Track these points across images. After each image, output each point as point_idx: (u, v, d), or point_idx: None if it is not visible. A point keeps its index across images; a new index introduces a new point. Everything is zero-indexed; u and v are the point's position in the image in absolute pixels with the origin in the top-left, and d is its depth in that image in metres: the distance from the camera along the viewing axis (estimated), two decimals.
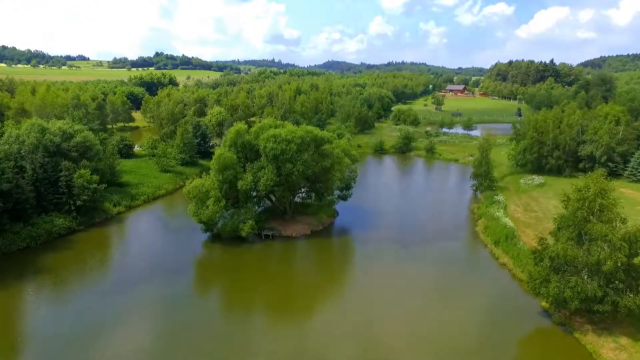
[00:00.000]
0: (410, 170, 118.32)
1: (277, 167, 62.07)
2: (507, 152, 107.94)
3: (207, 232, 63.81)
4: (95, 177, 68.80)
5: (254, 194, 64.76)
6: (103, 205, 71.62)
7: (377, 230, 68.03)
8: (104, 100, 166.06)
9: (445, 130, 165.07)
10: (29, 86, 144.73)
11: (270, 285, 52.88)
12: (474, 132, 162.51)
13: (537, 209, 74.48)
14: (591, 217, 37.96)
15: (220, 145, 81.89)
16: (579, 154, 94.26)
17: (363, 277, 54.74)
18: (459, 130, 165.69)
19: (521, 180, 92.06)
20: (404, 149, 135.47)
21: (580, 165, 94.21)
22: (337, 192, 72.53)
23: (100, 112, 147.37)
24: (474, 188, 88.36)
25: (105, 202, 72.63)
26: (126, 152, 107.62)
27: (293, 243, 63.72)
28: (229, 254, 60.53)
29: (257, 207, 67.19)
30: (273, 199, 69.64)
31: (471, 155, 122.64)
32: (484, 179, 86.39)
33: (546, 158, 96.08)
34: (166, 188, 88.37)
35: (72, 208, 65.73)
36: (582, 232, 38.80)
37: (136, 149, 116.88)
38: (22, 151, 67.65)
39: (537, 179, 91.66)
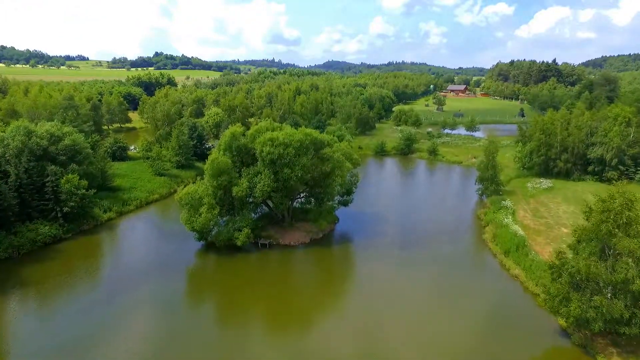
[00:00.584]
0: (412, 172, 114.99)
1: (274, 172, 58.78)
2: (513, 154, 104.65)
3: (201, 241, 60.58)
4: (84, 182, 65.62)
5: (250, 200, 61.32)
6: (92, 212, 68.37)
7: (379, 238, 64.71)
8: (99, 100, 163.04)
9: (447, 131, 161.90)
10: (22, 86, 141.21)
11: (267, 297, 49.70)
12: (477, 133, 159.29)
13: (546, 214, 71.15)
14: (617, 230, 34.62)
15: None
16: (588, 156, 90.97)
17: (364, 288, 51.35)
18: (461, 131, 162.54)
19: (528, 184, 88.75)
20: (406, 150, 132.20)
21: (590, 169, 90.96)
22: (337, 198, 69.22)
23: (95, 113, 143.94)
24: (480, 192, 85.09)
25: (94, 208, 69.40)
26: (120, 154, 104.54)
27: (291, 252, 60.39)
28: (223, 264, 57.31)
29: (253, 214, 63.86)
30: (270, 204, 66.30)
31: (475, 157, 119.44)
32: (490, 183, 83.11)
33: (554, 161, 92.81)
34: (160, 192, 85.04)
35: (59, 215, 62.49)
36: (606, 246, 35.48)
37: (133, 150, 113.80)
38: (6, 155, 64.38)
39: (545, 182, 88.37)
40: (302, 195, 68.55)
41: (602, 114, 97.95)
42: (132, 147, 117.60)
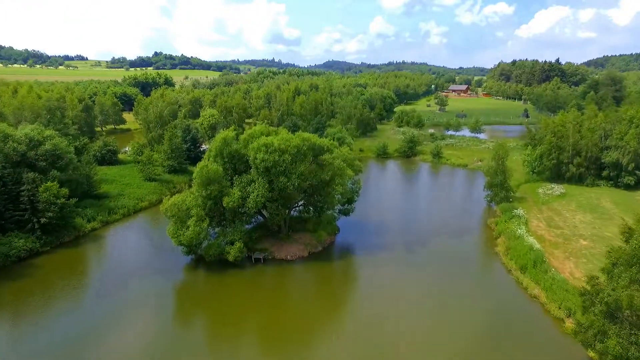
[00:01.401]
0: (416, 176, 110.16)
1: (269, 181, 53.88)
2: (522, 157, 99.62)
3: (190, 255, 55.79)
4: (64, 191, 60.74)
5: (243, 211, 56.27)
6: (74, 222, 63.55)
7: (382, 252, 59.71)
8: (92, 101, 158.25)
9: (451, 132, 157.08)
10: (11, 87, 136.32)
11: (261, 317, 45.22)
12: (481, 135, 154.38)
13: (562, 224, 66.26)
14: None
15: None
16: (602, 161, 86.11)
17: (367, 309, 46.46)
18: (465, 132, 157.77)
19: (539, 190, 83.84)
20: (409, 153, 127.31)
21: (604, 173, 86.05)
22: (338, 207, 64.34)
23: (86, 114, 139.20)
24: (489, 199, 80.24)
25: (77, 218, 64.60)
26: (110, 158, 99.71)
27: (288, 267, 55.49)
28: (214, 281, 52.51)
29: (246, 225, 58.81)
30: (265, 214, 61.37)
31: (480, 160, 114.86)
32: (500, 190, 78.26)
33: (566, 165, 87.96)
34: (150, 199, 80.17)
35: (36, 227, 57.68)
36: None
37: (126, 152, 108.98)
38: None
39: (557, 188, 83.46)
40: (299, 203, 63.69)
41: (616, 115, 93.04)
42: (125, 149, 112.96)
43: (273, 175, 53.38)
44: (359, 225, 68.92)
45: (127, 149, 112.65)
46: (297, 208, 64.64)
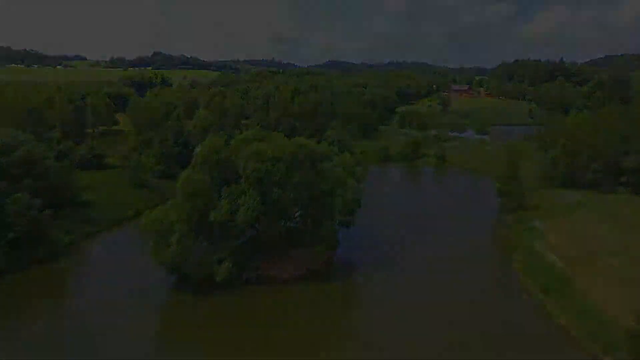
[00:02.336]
0: (420, 181, 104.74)
1: (261, 192, 48.25)
2: (534, 161, 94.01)
3: (174, 274, 50.16)
4: (37, 201, 55.06)
5: (233, 225, 50.44)
6: (49, 235, 57.80)
7: (386, 269, 54.08)
8: (83, 102, 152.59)
9: (455, 134, 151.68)
10: None
11: (253, 348, 39.79)
12: (486, 136, 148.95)
13: (583, 238, 60.32)
14: None
15: None
16: (621, 166, 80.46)
17: (373, 338, 41.07)
18: (469, 134, 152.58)
19: (555, 197, 78.26)
20: (412, 156, 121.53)
21: (623, 179, 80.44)
22: (338, 218, 58.57)
23: (77, 115, 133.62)
24: (500, 208, 74.68)
25: (52, 231, 58.83)
26: (96, 162, 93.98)
27: (283, 288, 49.67)
28: (200, 304, 46.96)
29: (236, 240, 53.02)
30: (258, 227, 55.63)
31: (487, 163, 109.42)
32: (513, 198, 72.81)
33: (581, 170, 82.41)
34: (137, 208, 74.22)
35: (2, 242, 52.02)
36: None
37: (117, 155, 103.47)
38: None
39: (573, 195, 77.89)
40: (296, 214, 58.00)
41: (634, 117, 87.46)
42: (118, 152, 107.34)
43: (266, 187, 47.75)
44: (360, 237, 63.19)
45: (120, 151, 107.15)
46: (294, 220, 58.99)
